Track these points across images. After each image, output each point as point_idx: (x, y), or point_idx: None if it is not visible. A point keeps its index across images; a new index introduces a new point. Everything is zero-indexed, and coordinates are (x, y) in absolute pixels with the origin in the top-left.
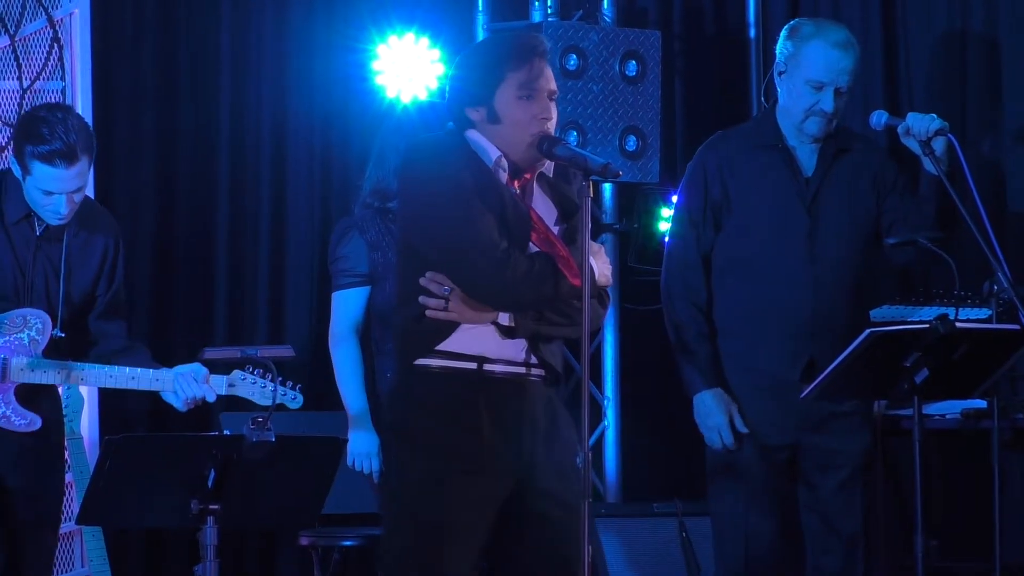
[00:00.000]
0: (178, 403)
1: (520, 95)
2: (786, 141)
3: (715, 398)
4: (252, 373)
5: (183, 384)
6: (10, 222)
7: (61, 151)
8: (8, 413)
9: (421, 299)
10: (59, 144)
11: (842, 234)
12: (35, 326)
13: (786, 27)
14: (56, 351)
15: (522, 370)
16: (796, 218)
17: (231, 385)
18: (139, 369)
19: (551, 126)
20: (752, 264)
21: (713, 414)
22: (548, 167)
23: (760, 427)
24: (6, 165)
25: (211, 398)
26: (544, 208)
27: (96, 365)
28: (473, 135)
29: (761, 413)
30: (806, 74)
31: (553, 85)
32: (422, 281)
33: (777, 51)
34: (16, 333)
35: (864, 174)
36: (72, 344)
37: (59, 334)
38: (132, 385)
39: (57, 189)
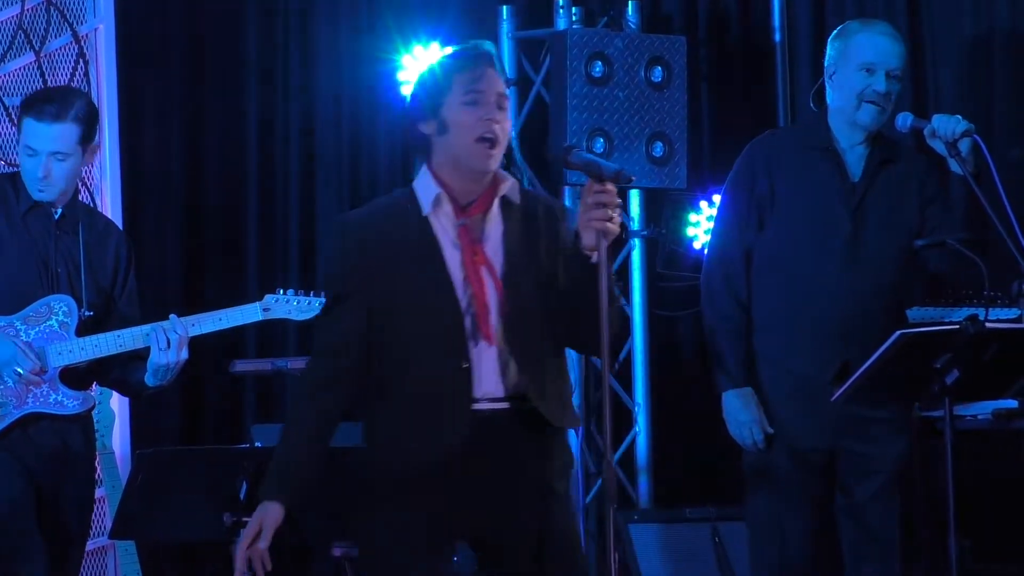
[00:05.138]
0: (157, 357)
1: (466, 100)
2: (836, 144)
3: (743, 396)
4: (284, 293)
5: (158, 335)
6: (22, 211)
7: (50, 108)
8: (60, 399)
9: None
10: (53, 105)
11: (883, 240)
12: (61, 310)
13: (833, 34)
14: (91, 331)
15: None
16: (839, 221)
17: (266, 309)
18: (124, 330)
19: (499, 130)
20: (791, 263)
21: (741, 411)
22: (512, 190)
23: (794, 430)
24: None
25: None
26: (498, 242)
27: (86, 337)
28: (419, 182)
29: (795, 415)
30: (857, 59)
31: (501, 89)
32: None
33: (826, 58)
34: (45, 322)
35: (910, 183)
36: (99, 325)
37: (87, 313)
38: (118, 346)
39: (37, 146)
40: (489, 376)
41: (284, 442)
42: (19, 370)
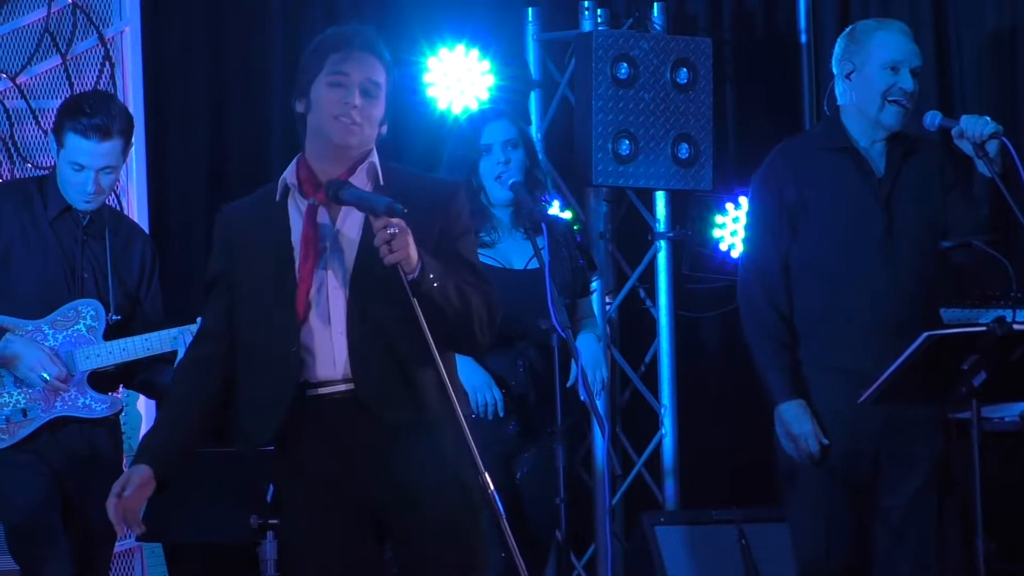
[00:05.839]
0: None
1: (331, 81)
2: (855, 143)
3: (797, 408)
4: None
5: (184, 338)
6: (51, 217)
7: (97, 124)
8: (88, 402)
9: None
10: (97, 119)
11: (916, 232)
12: (88, 315)
13: (842, 35)
14: (118, 335)
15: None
16: (872, 218)
17: None
18: (151, 333)
19: (358, 115)
20: (830, 265)
21: (801, 422)
22: (370, 170)
23: (839, 431)
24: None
25: None
26: (357, 224)
27: (114, 341)
28: (288, 167)
29: (841, 416)
30: (880, 59)
31: (372, 75)
32: None
33: (838, 56)
34: (73, 326)
35: (931, 172)
36: (126, 329)
37: (115, 317)
38: (146, 349)
39: (87, 163)
40: (326, 360)
41: (157, 418)
42: (45, 376)
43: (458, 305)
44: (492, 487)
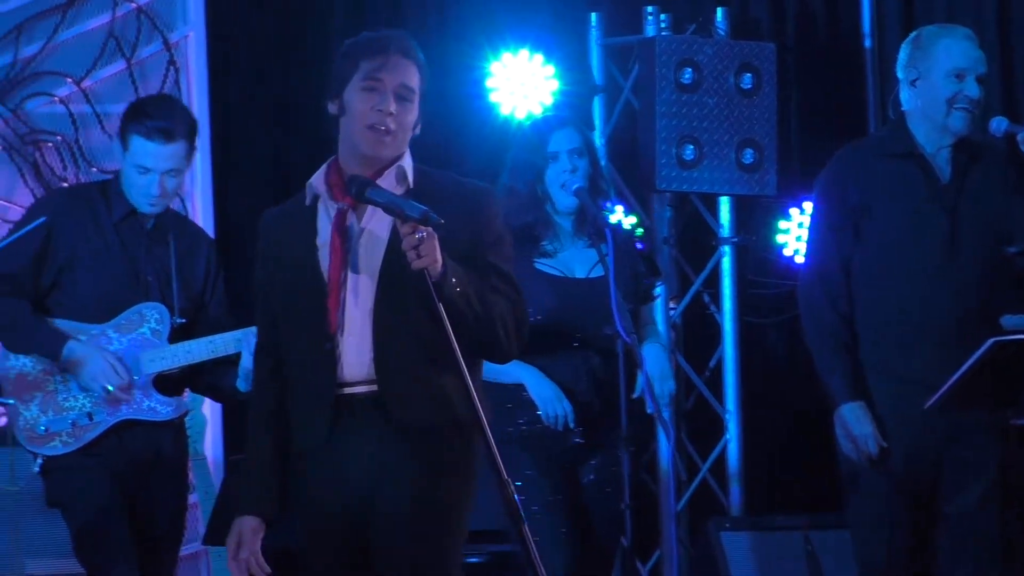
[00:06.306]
0: (248, 362)
1: (364, 85)
2: (922, 149)
3: (858, 410)
4: None
5: (249, 340)
6: (116, 220)
7: (160, 127)
8: (153, 405)
9: None
10: (161, 122)
11: (980, 238)
12: (152, 318)
13: (907, 41)
14: (182, 338)
15: None
16: (937, 223)
17: None
18: (216, 335)
19: (392, 121)
20: (893, 270)
21: (861, 423)
22: (399, 174)
23: (901, 436)
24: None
25: None
26: (385, 226)
27: (178, 344)
28: (318, 171)
29: (902, 422)
30: (945, 66)
31: (406, 81)
32: None
33: (903, 62)
34: (136, 329)
35: (996, 178)
36: (190, 332)
37: (179, 321)
38: (211, 351)
39: (152, 165)
40: (353, 361)
41: (249, 455)
42: (108, 387)
43: (480, 311)
44: (515, 494)
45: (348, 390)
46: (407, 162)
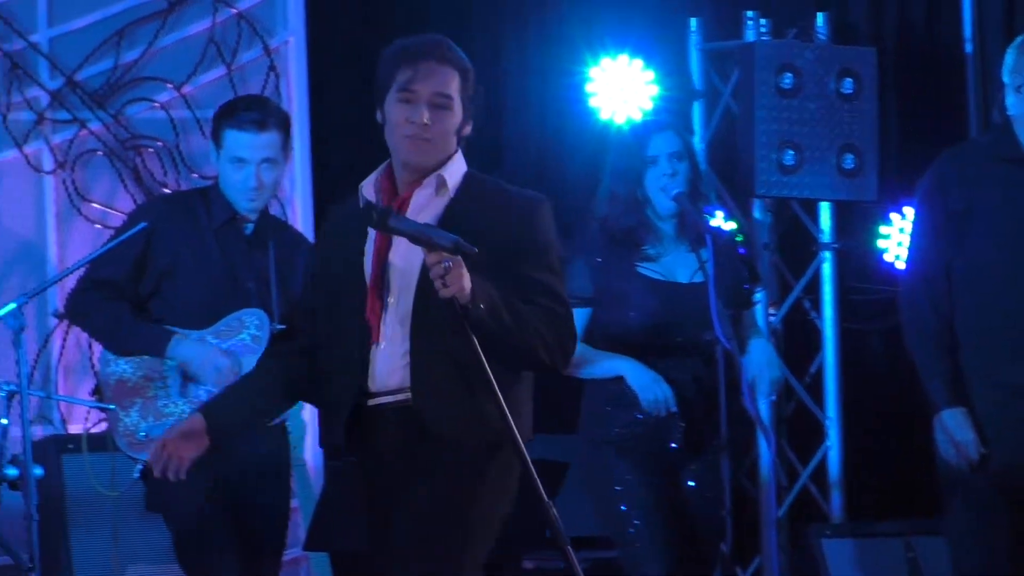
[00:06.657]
0: None
1: (399, 97)
2: None
3: (959, 416)
4: None
5: None
6: (216, 225)
7: (252, 117)
8: None
9: None
10: (253, 113)
11: None
12: (252, 323)
13: (1012, 45)
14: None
15: None
16: None
17: None
18: None
19: (427, 132)
20: (997, 275)
21: (963, 429)
22: (439, 181)
23: (1002, 444)
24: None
25: None
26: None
27: None
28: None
29: (1004, 429)
30: None
31: (441, 88)
32: None
33: (1010, 67)
34: (237, 335)
35: None
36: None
37: (279, 327)
38: None
39: (247, 156)
40: (385, 370)
41: (240, 380)
42: (219, 366)
43: (512, 327)
44: (557, 514)
45: (372, 401)
46: (451, 168)
